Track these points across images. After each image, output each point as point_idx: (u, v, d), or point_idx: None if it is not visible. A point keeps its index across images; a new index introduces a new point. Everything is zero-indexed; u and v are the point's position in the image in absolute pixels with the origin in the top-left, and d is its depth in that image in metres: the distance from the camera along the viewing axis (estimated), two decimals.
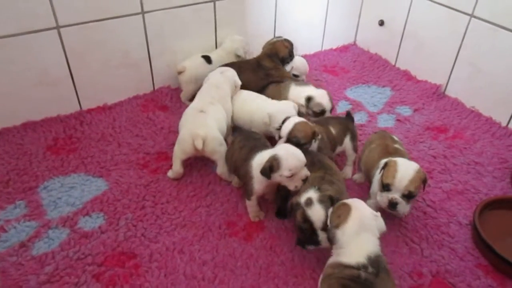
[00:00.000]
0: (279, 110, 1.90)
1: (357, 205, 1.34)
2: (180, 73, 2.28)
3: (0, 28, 1.87)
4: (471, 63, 2.35)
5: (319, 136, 1.75)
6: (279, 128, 1.78)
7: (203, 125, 1.80)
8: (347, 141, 1.91)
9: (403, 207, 1.52)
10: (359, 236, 1.28)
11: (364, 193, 1.80)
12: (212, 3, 2.36)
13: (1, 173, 1.84)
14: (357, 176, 1.89)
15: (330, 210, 1.39)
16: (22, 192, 1.77)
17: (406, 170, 1.51)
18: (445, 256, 1.59)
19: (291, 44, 2.35)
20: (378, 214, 1.34)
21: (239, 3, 2.46)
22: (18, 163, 1.90)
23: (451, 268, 1.54)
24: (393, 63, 2.84)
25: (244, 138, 1.77)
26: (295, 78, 2.39)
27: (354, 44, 3.11)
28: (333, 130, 1.88)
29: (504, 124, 2.27)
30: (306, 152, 1.59)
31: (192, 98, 2.11)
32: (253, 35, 2.59)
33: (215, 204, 1.76)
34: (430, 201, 1.81)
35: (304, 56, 2.89)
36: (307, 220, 1.42)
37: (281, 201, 1.73)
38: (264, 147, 1.68)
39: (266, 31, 2.61)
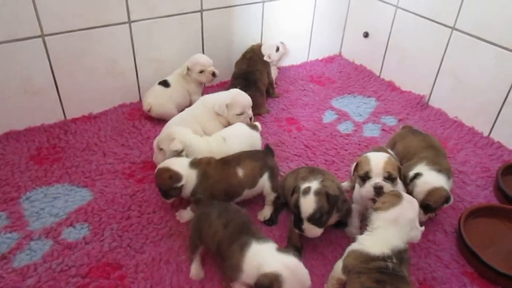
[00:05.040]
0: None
1: (406, 204, 1.37)
2: (149, 111, 2.23)
3: None
4: (453, 74, 2.41)
5: (181, 182, 1.59)
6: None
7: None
8: (263, 181, 1.69)
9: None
10: (388, 229, 1.32)
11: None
12: (199, 13, 2.37)
13: None
14: (346, 184, 1.90)
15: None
16: (3, 203, 1.73)
17: (377, 156, 1.56)
18: (431, 264, 1.60)
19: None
20: (422, 228, 1.37)
21: (226, 14, 2.47)
22: None
23: (438, 276, 1.55)
24: (377, 74, 2.89)
25: (224, 211, 1.47)
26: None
27: (340, 55, 3.15)
28: (240, 172, 1.66)
29: (486, 134, 2.31)
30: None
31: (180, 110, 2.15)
32: (240, 46, 2.60)
33: None
34: None
35: (291, 67, 2.94)
36: (297, 206, 1.46)
37: (274, 210, 1.75)
38: (251, 228, 1.43)
39: (253, 41, 2.62)
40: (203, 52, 2.50)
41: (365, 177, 1.53)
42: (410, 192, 1.62)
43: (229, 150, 1.79)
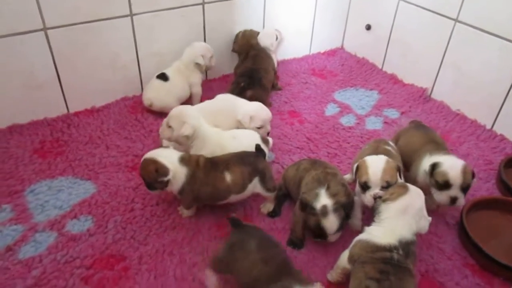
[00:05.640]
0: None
1: (413, 193, 1.38)
2: (150, 106, 2.23)
3: None
4: (456, 67, 2.40)
5: (168, 177, 1.54)
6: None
7: None
8: (254, 185, 1.64)
9: None
10: (397, 219, 1.34)
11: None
12: (201, 6, 2.36)
13: None
14: (348, 177, 1.90)
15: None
16: (8, 196, 1.74)
17: (376, 163, 1.56)
18: (433, 255, 1.61)
19: None
20: (429, 218, 1.38)
21: (228, 7, 2.47)
22: (4, 166, 1.87)
23: (440, 268, 1.56)
24: (380, 67, 2.88)
25: (264, 243, 1.32)
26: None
27: (342, 48, 3.14)
28: (228, 177, 1.60)
29: (488, 127, 2.31)
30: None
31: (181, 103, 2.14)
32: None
33: (205, 206, 1.76)
34: None
35: (293, 60, 2.93)
36: (320, 227, 1.51)
37: (276, 202, 1.77)
38: (292, 268, 1.29)
39: None
40: None
41: (365, 186, 1.56)
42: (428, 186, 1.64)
43: (236, 148, 1.76)
